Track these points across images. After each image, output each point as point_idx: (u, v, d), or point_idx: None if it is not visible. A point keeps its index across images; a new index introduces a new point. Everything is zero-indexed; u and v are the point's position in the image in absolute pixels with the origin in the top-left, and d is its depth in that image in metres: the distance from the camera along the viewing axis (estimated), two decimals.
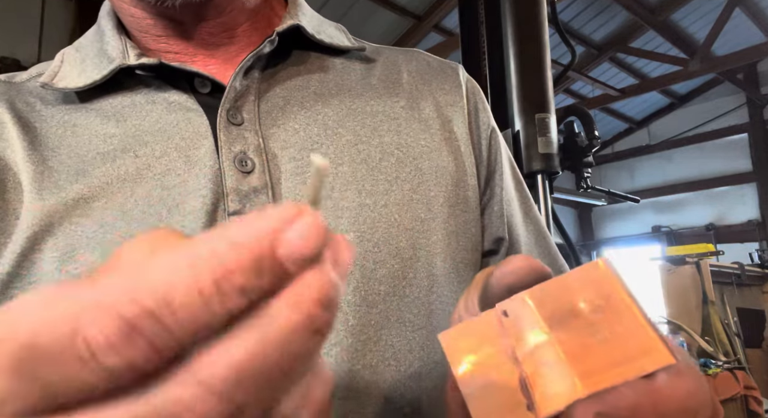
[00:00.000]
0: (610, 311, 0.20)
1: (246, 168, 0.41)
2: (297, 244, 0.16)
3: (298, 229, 0.16)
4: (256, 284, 0.16)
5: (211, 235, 0.16)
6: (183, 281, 0.15)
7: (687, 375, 0.21)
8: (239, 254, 0.15)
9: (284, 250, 0.16)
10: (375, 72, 0.51)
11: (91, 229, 0.38)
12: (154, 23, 0.45)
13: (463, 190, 0.48)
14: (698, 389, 0.21)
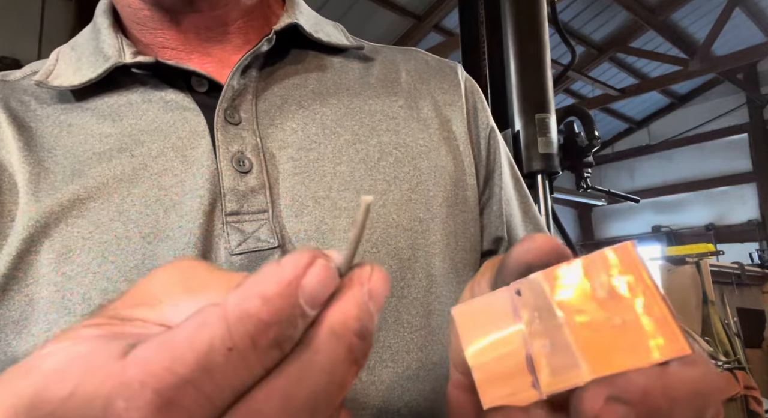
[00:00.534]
0: (629, 295, 0.20)
1: (243, 168, 0.40)
2: (315, 289, 0.16)
3: (314, 274, 0.17)
4: (289, 335, 0.16)
5: (238, 287, 0.16)
6: (220, 343, 0.15)
7: (699, 364, 0.20)
8: (271, 308, 0.16)
9: (305, 296, 0.16)
10: (373, 71, 0.51)
11: (87, 229, 0.38)
12: (151, 15, 0.44)
13: (462, 190, 0.48)
14: (710, 377, 0.20)
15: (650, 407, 0.18)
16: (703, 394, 0.19)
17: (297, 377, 0.16)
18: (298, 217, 0.40)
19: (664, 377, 0.19)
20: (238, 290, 0.16)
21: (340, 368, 0.16)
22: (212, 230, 0.39)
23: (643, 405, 0.18)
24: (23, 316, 0.36)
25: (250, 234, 0.39)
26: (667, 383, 0.19)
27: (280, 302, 0.16)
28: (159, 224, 0.38)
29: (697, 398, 0.19)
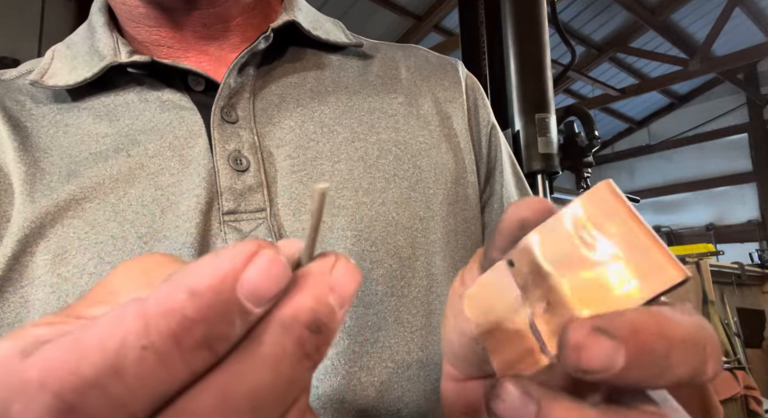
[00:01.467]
0: (614, 237, 0.19)
1: (240, 167, 0.40)
2: (257, 284, 0.14)
3: (257, 267, 0.15)
4: (222, 334, 0.14)
5: (167, 281, 0.14)
6: (133, 341, 0.13)
7: (695, 314, 0.19)
8: (199, 303, 0.14)
9: (244, 292, 0.14)
10: (372, 68, 0.50)
11: (83, 230, 0.37)
12: (147, 12, 0.44)
13: (462, 188, 0.47)
14: (706, 327, 0.19)
15: (642, 345, 0.17)
16: (701, 342, 0.18)
17: (237, 371, 0.14)
18: (296, 215, 0.40)
19: (658, 316, 0.18)
20: (165, 283, 0.14)
21: (287, 362, 0.15)
22: (209, 229, 0.38)
23: (633, 342, 0.17)
24: (18, 318, 0.36)
25: (247, 233, 0.39)
26: (661, 322, 0.17)
27: (211, 297, 0.14)
28: (156, 224, 0.38)
29: (695, 345, 0.18)
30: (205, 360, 0.14)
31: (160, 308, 0.14)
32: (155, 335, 0.13)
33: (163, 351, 0.13)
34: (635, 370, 0.17)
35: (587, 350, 0.17)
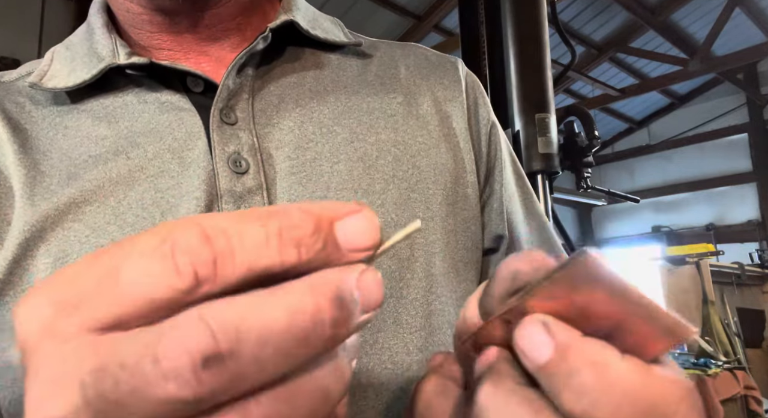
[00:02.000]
0: (616, 304, 0.19)
1: (240, 169, 0.40)
2: (353, 230, 0.18)
3: (358, 219, 0.18)
4: (311, 245, 0.17)
5: (289, 204, 0.18)
6: (253, 222, 0.17)
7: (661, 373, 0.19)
8: (305, 216, 0.17)
9: (341, 232, 0.18)
10: (372, 68, 0.50)
11: (84, 233, 0.37)
12: (150, 19, 0.44)
13: (462, 188, 0.47)
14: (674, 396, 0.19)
15: (567, 361, 0.19)
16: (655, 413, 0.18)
17: (261, 300, 0.16)
18: None
19: (612, 357, 0.19)
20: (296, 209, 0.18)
21: (301, 316, 0.16)
22: None
23: (565, 347, 0.19)
24: None
25: None
26: (607, 362, 0.19)
27: (313, 216, 0.18)
28: None
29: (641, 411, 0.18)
30: (290, 260, 0.17)
31: (279, 210, 0.18)
32: (269, 223, 0.17)
33: (270, 236, 0.17)
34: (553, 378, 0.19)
35: (525, 330, 0.20)
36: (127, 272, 0.16)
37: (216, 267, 0.16)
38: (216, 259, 0.16)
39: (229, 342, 0.15)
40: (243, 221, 0.17)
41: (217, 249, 0.16)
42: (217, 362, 0.15)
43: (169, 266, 0.16)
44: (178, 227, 0.16)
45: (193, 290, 0.16)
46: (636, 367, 0.19)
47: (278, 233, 0.17)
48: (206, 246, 0.16)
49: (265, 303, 0.16)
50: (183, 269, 0.16)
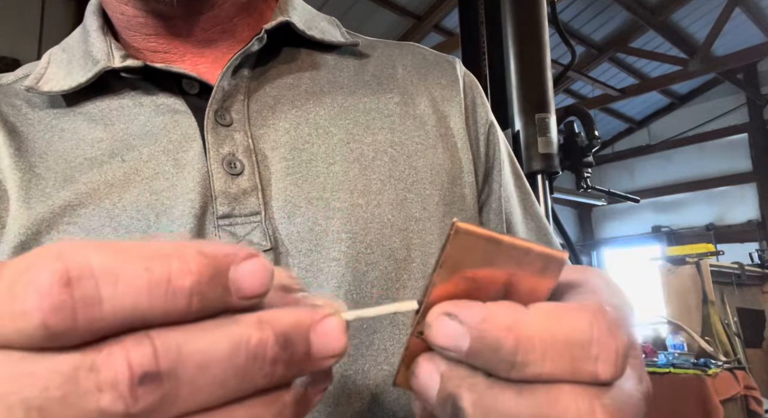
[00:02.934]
0: (497, 262, 0.20)
1: (235, 170, 0.40)
2: (247, 278, 0.17)
3: (251, 266, 0.17)
4: (205, 293, 0.16)
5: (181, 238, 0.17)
6: (138, 264, 0.15)
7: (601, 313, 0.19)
8: (201, 261, 0.16)
9: (234, 279, 0.17)
10: (368, 68, 0.50)
11: (78, 236, 0.37)
12: (145, 22, 0.44)
13: (459, 188, 0.47)
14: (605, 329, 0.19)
15: (487, 337, 0.18)
16: (581, 343, 0.18)
17: (204, 328, 0.16)
18: (291, 218, 0.40)
19: (516, 314, 0.19)
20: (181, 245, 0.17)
21: (243, 349, 0.16)
22: (204, 233, 0.38)
23: (477, 330, 0.18)
24: None
25: (242, 237, 0.38)
26: (516, 320, 0.18)
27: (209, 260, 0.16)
28: (150, 229, 0.38)
29: (568, 345, 0.18)
30: (181, 308, 0.16)
31: (171, 251, 0.16)
32: (156, 266, 0.16)
33: (157, 281, 0.15)
34: (482, 357, 0.18)
35: (434, 329, 0.19)
36: None
37: (75, 315, 0.14)
38: (76, 307, 0.14)
39: (169, 362, 0.15)
40: (122, 259, 0.15)
41: (77, 295, 0.14)
42: (155, 380, 0.15)
43: (19, 312, 0.14)
44: (35, 265, 0.15)
45: (51, 339, 0.15)
46: (542, 312, 0.19)
47: (166, 279, 0.15)
48: (63, 291, 0.14)
49: (210, 330, 0.16)
50: (31, 316, 0.14)
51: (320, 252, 0.39)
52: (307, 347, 0.17)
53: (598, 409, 0.18)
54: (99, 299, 0.15)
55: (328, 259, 0.39)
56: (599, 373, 0.18)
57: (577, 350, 0.18)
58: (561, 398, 0.18)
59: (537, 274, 0.20)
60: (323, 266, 0.39)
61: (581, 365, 0.18)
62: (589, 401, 0.18)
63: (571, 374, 0.18)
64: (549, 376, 0.18)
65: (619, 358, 0.18)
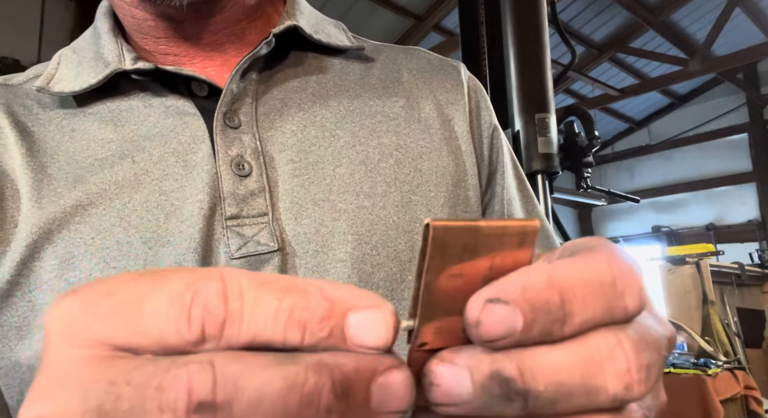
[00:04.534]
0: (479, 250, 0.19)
1: (243, 172, 0.41)
2: (364, 326, 0.17)
3: (373, 316, 0.17)
4: (316, 332, 0.17)
5: (315, 281, 0.18)
6: (271, 291, 0.17)
7: (603, 256, 0.19)
8: (320, 300, 0.17)
9: (352, 325, 0.17)
10: (374, 71, 0.51)
11: (89, 235, 0.38)
12: (155, 25, 0.44)
13: (463, 190, 0.47)
14: (616, 265, 0.19)
15: (536, 301, 0.18)
16: (606, 280, 0.18)
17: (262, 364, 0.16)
18: (298, 219, 0.40)
19: (545, 269, 0.18)
20: (318, 281, 0.18)
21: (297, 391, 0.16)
22: (212, 234, 0.39)
23: (525, 301, 0.17)
24: (26, 322, 0.37)
25: (250, 238, 0.39)
26: (549, 274, 0.18)
27: (328, 306, 0.17)
28: (160, 229, 0.38)
29: (598, 285, 0.18)
30: (293, 343, 0.17)
31: (302, 289, 0.17)
32: (285, 304, 0.17)
33: (283, 317, 0.17)
34: (537, 325, 0.18)
35: (485, 324, 0.18)
36: (149, 307, 0.17)
37: (223, 328, 0.16)
38: (226, 321, 0.16)
39: (225, 394, 0.15)
40: (262, 287, 0.17)
41: (229, 311, 0.16)
42: (209, 409, 0.15)
43: (184, 315, 0.16)
44: (204, 278, 0.17)
45: (198, 343, 0.16)
46: (565, 265, 0.19)
47: (289, 311, 0.17)
48: (221, 306, 0.16)
49: (268, 366, 0.16)
50: (194, 322, 0.16)
51: (326, 253, 0.40)
52: (367, 400, 0.17)
53: (624, 339, 0.18)
54: (241, 317, 0.16)
55: (334, 260, 0.40)
56: (628, 306, 0.19)
57: (607, 289, 0.18)
58: (590, 338, 0.18)
59: (517, 247, 0.20)
60: (329, 267, 0.39)
61: (614, 302, 0.18)
62: (614, 335, 0.18)
63: (608, 312, 0.18)
64: (592, 320, 0.18)
65: (641, 290, 0.19)
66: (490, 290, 0.18)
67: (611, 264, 0.19)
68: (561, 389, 0.17)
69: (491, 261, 0.19)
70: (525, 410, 0.17)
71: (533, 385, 0.17)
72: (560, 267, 0.19)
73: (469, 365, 0.18)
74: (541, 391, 0.17)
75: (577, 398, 0.18)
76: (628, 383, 0.18)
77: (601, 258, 0.19)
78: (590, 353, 0.18)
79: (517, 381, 0.17)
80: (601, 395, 0.18)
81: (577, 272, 0.18)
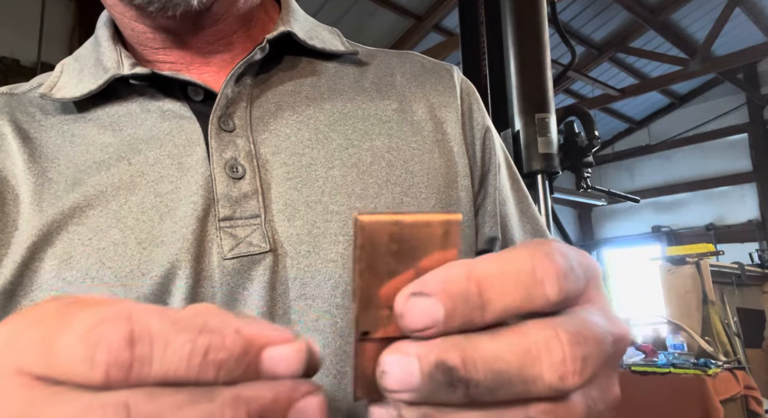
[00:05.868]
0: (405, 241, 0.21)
1: (236, 174, 0.41)
2: (278, 360, 0.18)
3: (286, 351, 0.18)
4: (232, 370, 0.18)
5: (228, 315, 0.19)
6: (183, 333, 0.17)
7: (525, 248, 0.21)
8: (236, 339, 0.18)
9: (268, 360, 0.18)
10: (368, 75, 0.52)
11: (87, 236, 0.39)
12: (154, 37, 0.46)
13: (455, 192, 0.48)
14: (539, 254, 0.20)
15: (455, 292, 0.19)
16: (524, 269, 0.20)
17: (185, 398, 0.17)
18: (290, 221, 0.41)
19: (464, 263, 0.20)
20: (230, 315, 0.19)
21: None
22: (205, 235, 0.40)
23: (445, 292, 0.19)
24: None
25: (242, 239, 0.40)
26: (468, 267, 0.20)
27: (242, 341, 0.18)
28: (154, 230, 0.39)
29: (516, 273, 0.20)
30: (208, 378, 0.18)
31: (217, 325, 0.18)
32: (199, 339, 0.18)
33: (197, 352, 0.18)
34: (458, 313, 0.19)
35: (409, 315, 0.19)
36: (59, 346, 0.17)
37: (130, 372, 0.17)
38: (132, 364, 0.17)
39: None
40: (175, 328, 0.17)
41: (136, 355, 0.17)
42: None
43: (87, 359, 0.17)
44: (110, 320, 0.17)
45: (104, 385, 0.17)
46: (488, 258, 0.20)
47: (203, 353, 0.17)
48: (127, 350, 0.17)
49: (183, 406, 0.17)
50: (97, 366, 0.17)
51: (318, 254, 0.41)
52: None
53: (560, 332, 0.19)
54: (150, 360, 0.17)
55: (325, 260, 0.40)
56: (548, 293, 0.20)
57: (525, 277, 0.20)
58: (529, 331, 0.19)
59: (442, 239, 0.21)
60: (321, 267, 0.40)
61: (533, 290, 0.20)
62: (552, 327, 0.19)
63: (527, 299, 0.20)
64: (513, 307, 0.20)
65: (561, 277, 0.20)
66: (414, 285, 0.20)
67: (532, 256, 0.20)
68: (500, 378, 0.19)
69: (420, 251, 0.21)
70: (467, 397, 0.19)
71: (474, 374, 0.19)
72: (481, 261, 0.20)
73: (418, 353, 0.19)
74: (481, 379, 0.19)
75: (515, 387, 0.19)
76: (562, 373, 0.19)
77: (523, 251, 0.20)
78: (528, 345, 0.19)
79: (459, 370, 0.19)
80: (538, 384, 0.19)
81: (496, 264, 0.20)
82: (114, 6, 0.45)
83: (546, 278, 0.20)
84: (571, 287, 0.21)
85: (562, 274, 0.20)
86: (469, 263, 0.20)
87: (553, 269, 0.20)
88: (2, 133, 0.44)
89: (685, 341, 3.42)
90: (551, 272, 0.20)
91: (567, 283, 0.20)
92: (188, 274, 0.38)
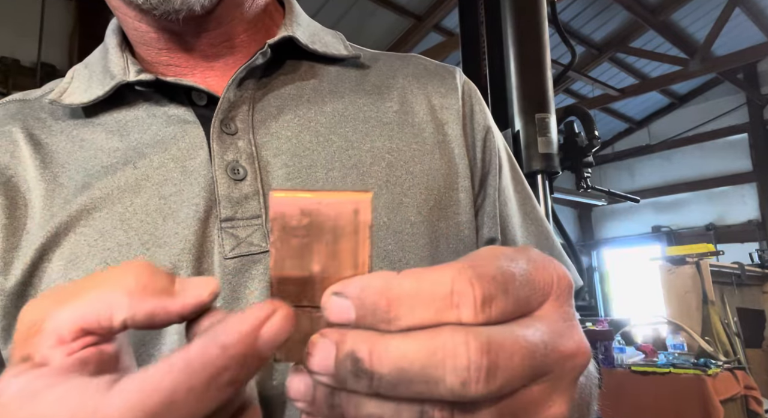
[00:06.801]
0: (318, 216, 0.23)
1: (238, 176, 0.42)
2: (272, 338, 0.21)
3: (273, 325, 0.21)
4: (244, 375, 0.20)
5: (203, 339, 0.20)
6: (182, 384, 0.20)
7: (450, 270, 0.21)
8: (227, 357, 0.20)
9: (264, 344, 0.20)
10: (370, 78, 0.52)
11: (93, 238, 0.40)
12: (158, 37, 0.47)
13: (455, 192, 0.48)
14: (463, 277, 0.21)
15: (366, 302, 0.21)
16: (441, 290, 0.21)
17: None
18: None
19: (386, 279, 0.21)
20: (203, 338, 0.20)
21: None
22: (207, 235, 0.41)
23: (359, 299, 0.21)
24: None
25: (243, 239, 0.41)
26: (387, 283, 0.21)
27: (233, 352, 0.20)
28: (157, 231, 0.41)
29: (431, 293, 0.21)
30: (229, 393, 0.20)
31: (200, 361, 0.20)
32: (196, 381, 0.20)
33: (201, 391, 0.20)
34: (366, 321, 0.21)
35: (328, 310, 0.22)
36: None
37: None
38: None
39: None
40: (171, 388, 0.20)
41: None
42: None
43: None
44: None
45: None
46: (409, 275, 0.22)
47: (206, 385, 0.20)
48: None
49: None
50: None
51: None
52: None
53: (471, 340, 0.20)
54: None
55: None
56: (461, 317, 0.21)
57: (439, 301, 0.21)
58: (440, 334, 0.20)
59: (352, 216, 0.22)
60: None
61: (444, 312, 0.21)
62: (464, 334, 0.20)
63: (436, 319, 0.21)
64: (419, 325, 0.21)
65: (481, 303, 0.21)
66: (338, 285, 0.22)
67: (455, 279, 0.21)
68: (402, 375, 0.20)
69: (332, 226, 0.23)
70: (371, 388, 0.20)
71: (378, 368, 0.20)
72: (402, 277, 0.21)
73: (336, 341, 0.21)
74: (385, 374, 0.20)
75: (417, 386, 0.20)
76: (465, 380, 0.19)
77: (448, 272, 0.21)
78: (435, 347, 0.20)
79: (365, 362, 0.20)
80: (440, 386, 0.20)
81: (414, 283, 0.21)
82: (118, 8, 0.46)
83: (462, 303, 0.20)
84: (500, 309, 0.21)
85: (485, 299, 0.21)
86: (389, 276, 0.21)
87: (472, 295, 0.20)
88: (15, 139, 0.45)
89: (685, 341, 3.42)
90: (469, 298, 0.20)
91: (491, 308, 0.21)
92: (190, 274, 0.39)
